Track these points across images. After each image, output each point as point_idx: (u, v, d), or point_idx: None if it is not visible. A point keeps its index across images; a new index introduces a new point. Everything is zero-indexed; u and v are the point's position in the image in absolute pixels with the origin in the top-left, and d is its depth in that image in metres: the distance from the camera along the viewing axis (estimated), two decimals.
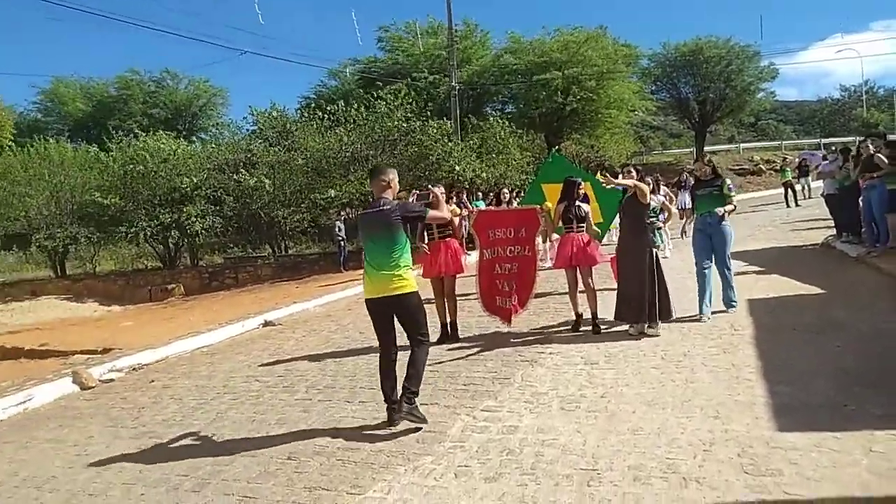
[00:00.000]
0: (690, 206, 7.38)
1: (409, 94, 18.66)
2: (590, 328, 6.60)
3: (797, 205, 20.54)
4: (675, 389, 4.55)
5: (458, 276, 7.06)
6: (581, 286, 6.74)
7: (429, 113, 19.14)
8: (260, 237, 22.38)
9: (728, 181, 7.15)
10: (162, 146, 20.01)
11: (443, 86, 25.07)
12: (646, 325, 6.22)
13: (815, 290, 7.68)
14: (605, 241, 9.06)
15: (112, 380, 6.84)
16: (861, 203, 9.79)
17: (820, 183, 14.12)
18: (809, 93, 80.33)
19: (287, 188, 18.71)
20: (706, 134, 35.71)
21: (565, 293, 7.26)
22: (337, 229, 17.75)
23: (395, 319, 4.44)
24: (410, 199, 4.50)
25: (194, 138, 27.95)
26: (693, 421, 3.91)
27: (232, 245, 24.09)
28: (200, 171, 19.45)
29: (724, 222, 6.77)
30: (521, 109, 26.92)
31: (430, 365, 5.91)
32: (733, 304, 6.91)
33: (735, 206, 7.01)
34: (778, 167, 27.75)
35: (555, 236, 9.04)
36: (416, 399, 4.29)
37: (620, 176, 6.79)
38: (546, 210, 7.29)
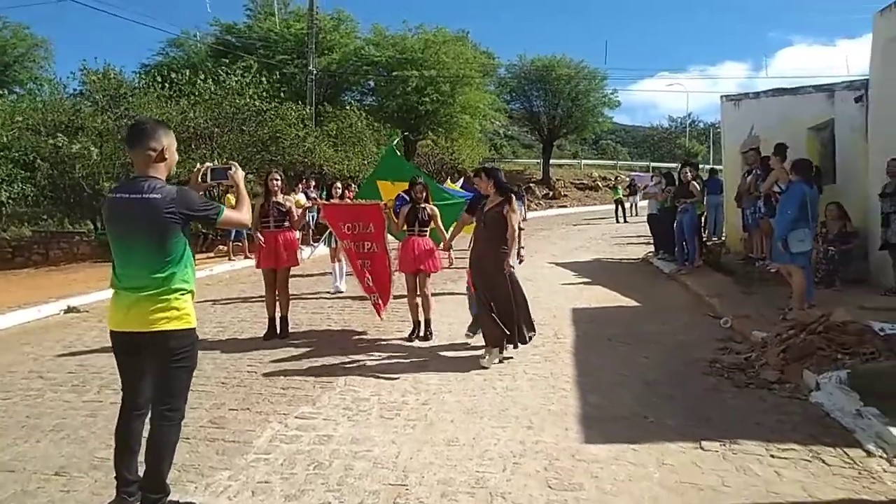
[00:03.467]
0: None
1: (261, 71, 17.66)
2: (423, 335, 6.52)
3: (626, 221, 22.52)
4: (494, 398, 4.57)
5: (292, 269, 6.78)
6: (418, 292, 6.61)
7: (282, 95, 18.33)
8: (81, 211, 20.00)
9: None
10: None
11: (300, 69, 24.14)
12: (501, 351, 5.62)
13: (632, 302, 8.27)
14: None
15: None
16: (676, 224, 10.75)
17: (646, 202, 15.56)
18: (642, 119, 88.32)
19: (116, 159, 16.86)
20: (552, 147, 37.67)
21: (402, 296, 7.07)
22: None
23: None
24: (199, 179, 3.18)
25: (5, 91, 24.21)
26: (507, 431, 3.93)
27: (45, 217, 21.29)
28: (9, 129, 16.95)
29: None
30: (380, 103, 26.62)
31: (249, 366, 5.54)
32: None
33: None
34: (612, 185, 30.08)
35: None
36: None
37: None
38: (388, 208, 7.09)
